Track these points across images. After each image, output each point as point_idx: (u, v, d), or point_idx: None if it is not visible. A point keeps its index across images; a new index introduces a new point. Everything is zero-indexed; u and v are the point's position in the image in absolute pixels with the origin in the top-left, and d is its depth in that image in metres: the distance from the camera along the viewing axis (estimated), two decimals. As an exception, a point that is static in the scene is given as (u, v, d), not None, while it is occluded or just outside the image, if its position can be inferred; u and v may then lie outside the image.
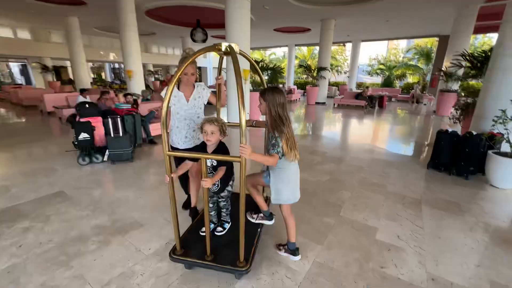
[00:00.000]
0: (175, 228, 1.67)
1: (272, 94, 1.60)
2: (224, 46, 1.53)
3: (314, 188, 3.17)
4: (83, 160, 3.84)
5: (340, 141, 5.69)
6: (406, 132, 6.70)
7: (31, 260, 1.88)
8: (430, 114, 9.93)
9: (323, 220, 2.46)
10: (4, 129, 6.39)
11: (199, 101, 2.07)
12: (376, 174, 3.68)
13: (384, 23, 12.04)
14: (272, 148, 1.61)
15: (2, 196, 2.86)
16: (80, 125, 3.74)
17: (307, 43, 19.93)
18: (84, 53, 12.29)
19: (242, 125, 1.30)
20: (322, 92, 12.82)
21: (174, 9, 10.19)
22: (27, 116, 8.34)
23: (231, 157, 1.46)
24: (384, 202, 2.85)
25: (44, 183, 3.22)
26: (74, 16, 11.37)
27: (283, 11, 10.32)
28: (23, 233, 2.20)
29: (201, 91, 2.08)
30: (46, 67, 16.15)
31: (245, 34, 6.43)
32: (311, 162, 4.13)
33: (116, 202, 2.76)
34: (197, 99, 2.06)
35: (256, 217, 2.14)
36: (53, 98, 8.64)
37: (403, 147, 5.31)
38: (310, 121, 8.39)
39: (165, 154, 1.45)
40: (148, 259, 1.90)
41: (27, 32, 15.82)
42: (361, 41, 17.63)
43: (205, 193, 1.53)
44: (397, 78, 20.88)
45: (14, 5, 9.93)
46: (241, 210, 1.51)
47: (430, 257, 1.97)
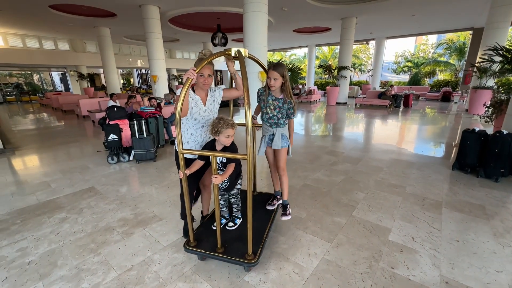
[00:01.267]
0: (189, 221, 1.80)
1: (285, 69, 1.97)
2: (233, 52, 1.64)
3: (327, 188, 3.17)
4: (112, 159, 4.18)
5: (360, 142, 5.56)
6: (432, 132, 6.35)
7: (67, 246, 2.13)
8: (461, 113, 9.29)
9: (334, 220, 2.47)
10: (46, 131, 7.12)
11: (215, 105, 1.97)
12: (395, 175, 3.57)
13: (409, 18, 11.49)
14: (292, 114, 2.09)
15: (44, 190, 3.23)
16: (109, 127, 4.09)
17: (327, 42, 19.55)
18: (114, 61, 13.25)
19: (248, 125, 1.38)
20: (343, 92, 12.54)
21: (196, 15, 10.63)
22: (66, 120, 9.18)
23: (239, 155, 1.54)
24: (401, 203, 2.77)
25: (78, 179, 3.57)
26: (105, 27, 12.33)
27: (302, 11, 10.29)
28: (60, 222, 2.48)
29: (213, 94, 1.97)
30: (82, 75, 17.60)
31: (262, 37, 6.54)
32: (327, 162, 4.11)
33: (139, 197, 2.99)
34: (212, 103, 1.95)
35: (289, 211, 2.25)
36: (87, 103, 9.45)
37: (427, 148, 5.05)
38: (330, 121, 8.26)
39: (180, 152, 1.59)
40: (166, 249, 2.06)
41: (66, 44, 17.38)
42: (385, 38, 16.94)
43: (215, 189, 1.64)
44: (426, 76, 19.71)
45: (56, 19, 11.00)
46: (249, 207, 1.60)
47: (446, 260, 1.91)
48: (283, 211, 2.27)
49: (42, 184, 3.42)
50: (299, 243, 2.12)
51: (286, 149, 2.17)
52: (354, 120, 8.43)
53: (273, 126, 2.12)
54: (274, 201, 2.40)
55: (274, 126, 2.12)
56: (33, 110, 12.71)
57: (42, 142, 5.87)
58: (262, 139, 2.23)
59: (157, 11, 9.15)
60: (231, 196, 2.04)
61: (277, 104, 2.05)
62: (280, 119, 2.08)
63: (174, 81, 22.49)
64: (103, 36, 12.53)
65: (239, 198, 2.08)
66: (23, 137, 6.34)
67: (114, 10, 9.83)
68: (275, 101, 2.05)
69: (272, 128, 2.13)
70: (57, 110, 12.04)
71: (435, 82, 18.47)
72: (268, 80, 1.97)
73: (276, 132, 2.11)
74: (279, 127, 2.11)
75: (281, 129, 2.12)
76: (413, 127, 7.10)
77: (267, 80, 1.98)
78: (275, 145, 2.12)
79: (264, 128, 2.20)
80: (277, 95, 2.06)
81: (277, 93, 2.06)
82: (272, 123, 2.11)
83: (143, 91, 20.58)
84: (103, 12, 10.02)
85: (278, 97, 2.05)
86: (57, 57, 16.96)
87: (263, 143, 2.21)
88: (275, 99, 2.05)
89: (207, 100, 1.92)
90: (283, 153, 2.15)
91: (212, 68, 1.82)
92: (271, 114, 2.08)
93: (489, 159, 3.34)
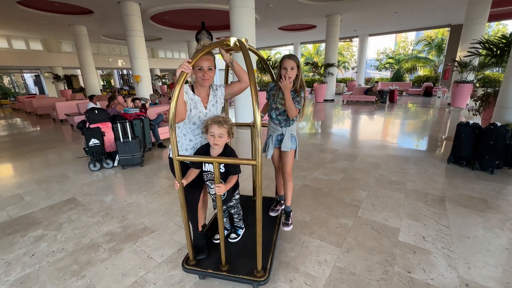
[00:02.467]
0: (187, 237, 1.58)
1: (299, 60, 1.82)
2: (232, 41, 1.44)
3: (328, 188, 3.05)
4: (94, 166, 3.85)
5: (352, 138, 5.52)
6: (421, 126, 6.44)
7: (44, 269, 1.85)
8: (444, 107, 9.57)
9: (340, 222, 2.34)
10: (19, 138, 6.55)
11: (217, 106, 1.67)
12: (393, 171, 3.51)
13: (392, 15, 11.71)
14: (297, 103, 1.85)
15: (16, 204, 2.88)
16: (90, 131, 3.76)
17: (312, 40, 19.68)
18: (93, 61, 12.56)
19: (257, 125, 1.19)
20: (330, 89, 12.60)
21: (179, 13, 10.24)
22: (41, 125, 8.55)
23: (246, 160, 1.32)
24: (404, 200, 2.70)
25: (56, 190, 3.23)
26: (82, 25, 11.62)
27: (287, 8, 10.19)
28: (36, 241, 2.18)
29: (215, 93, 1.68)
30: (57, 76, 16.61)
31: (250, 33, 6.36)
32: (322, 160, 4.00)
33: (127, 207, 2.73)
34: (215, 104, 1.66)
35: (291, 220, 2.11)
36: (64, 106, 8.84)
37: (419, 142, 5.09)
38: (319, 119, 8.22)
39: (175, 159, 1.37)
40: (161, 266, 1.84)
41: (39, 44, 16.32)
42: (368, 36, 17.25)
43: (218, 199, 1.44)
44: (407, 72, 20.34)
45: (26, 17, 10.23)
46: (258, 218, 1.40)
47: (461, 260, 1.83)
48: (285, 219, 2.10)
49: (14, 198, 3.05)
50: (307, 250, 1.97)
51: (294, 151, 2.00)
52: (343, 117, 8.45)
53: (282, 124, 1.94)
54: (277, 206, 2.22)
55: (284, 125, 1.94)
56: (4, 115, 11.80)
57: (14, 149, 5.37)
58: (268, 139, 2.02)
59: (138, 8, 8.69)
60: (230, 207, 1.84)
61: None
62: None
63: (157, 81, 21.79)
64: (79, 35, 11.80)
65: (240, 207, 1.89)
66: (-8, 145, 5.78)
67: (91, 7, 9.25)
68: None
69: (280, 128, 1.95)
70: (31, 115, 11.24)
71: (416, 78, 19.07)
72: (283, 71, 1.77)
73: (286, 132, 1.93)
74: (288, 126, 1.94)
75: (290, 128, 1.94)
76: (402, 121, 7.20)
77: (281, 71, 1.79)
78: (284, 146, 1.93)
79: (272, 127, 2.00)
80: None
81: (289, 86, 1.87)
82: (281, 120, 1.92)
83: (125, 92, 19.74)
84: (78, 9, 9.40)
85: (290, 90, 1.83)
86: (29, 58, 15.89)
87: (271, 144, 2.00)
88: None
89: (208, 101, 1.65)
90: (290, 156, 1.98)
91: (213, 59, 1.54)
92: (282, 109, 1.89)
93: (484, 152, 3.35)
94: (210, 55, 1.52)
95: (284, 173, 2.03)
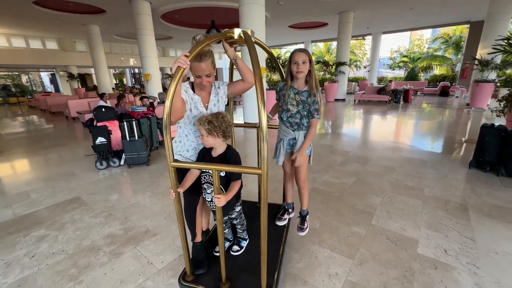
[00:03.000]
0: (184, 250, 1.46)
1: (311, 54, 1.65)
2: (237, 33, 1.32)
3: (339, 192, 2.88)
4: (101, 164, 3.83)
5: (364, 140, 5.29)
6: (438, 127, 6.12)
7: (42, 272, 1.79)
8: (462, 107, 9.12)
9: (353, 230, 2.18)
10: (32, 135, 6.69)
11: (219, 106, 1.58)
12: (409, 175, 3.30)
13: (407, 11, 11.26)
14: (316, 112, 1.67)
15: (23, 202, 2.88)
16: (96, 129, 3.74)
17: (324, 38, 19.28)
18: (105, 60, 12.76)
19: (263, 126, 1.05)
20: (341, 88, 12.29)
21: (189, 11, 10.22)
22: (54, 122, 8.73)
23: (249, 168, 1.17)
24: (422, 208, 2.50)
25: (62, 188, 3.22)
26: (95, 25, 11.81)
27: (298, 5, 9.97)
28: (38, 242, 2.14)
29: (217, 92, 1.57)
30: (72, 75, 17.01)
31: (260, 30, 6.22)
32: (333, 163, 3.83)
33: (130, 208, 2.67)
34: (216, 104, 1.57)
35: (307, 224, 2.00)
36: (76, 104, 8.99)
37: (436, 144, 4.81)
38: (329, 119, 7.99)
39: (170, 165, 1.26)
40: (160, 273, 1.75)
41: (55, 43, 16.74)
42: (381, 33, 16.74)
43: (218, 212, 1.31)
44: (422, 70, 19.63)
45: (42, 17, 10.48)
46: (263, 235, 1.25)
47: (490, 278, 1.64)
48: (300, 224, 1.97)
49: (21, 195, 3.05)
50: (316, 261, 1.83)
51: (308, 157, 1.81)
52: (355, 117, 8.18)
53: (294, 127, 1.74)
54: (284, 215, 2.05)
55: (296, 128, 1.74)
56: (21, 113, 12.17)
57: (27, 146, 5.46)
58: (279, 144, 1.83)
59: (149, 7, 8.72)
60: (231, 219, 1.69)
61: (301, 98, 1.67)
62: (303, 118, 1.71)
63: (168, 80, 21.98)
64: (92, 34, 12.01)
65: (243, 217, 1.73)
66: (7, 141, 5.92)
67: (103, 6, 9.36)
68: (298, 94, 1.68)
69: (292, 131, 1.76)
70: (45, 112, 11.54)
71: (432, 77, 18.37)
72: (295, 66, 1.60)
73: (299, 136, 1.74)
74: (301, 130, 1.74)
75: (304, 132, 1.75)
76: (417, 122, 6.88)
77: (292, 66, 1.62)
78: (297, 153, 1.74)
79: (283, 131, 1.80)
80: (300, 87, 1.69)
81: (301, 84, 1.69)
82: (293, 123, 1.73)
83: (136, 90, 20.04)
84: (91, 8, 9.54)
85: (302, 90, 1.68)
86: (45, 57, 16.34)
87: (282, 150, 1.81)
88: (297, 92, 1.68)
89: (209, 101, 1.54)
90: (304, 162, 1.79)
91: (210, 63, 1.38)
92: (293, 111, 1.70)
93: (511, 156, 3.09)
94: (208, 58, 1.36)
95: (298, 180, 1.86)
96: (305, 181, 1.87)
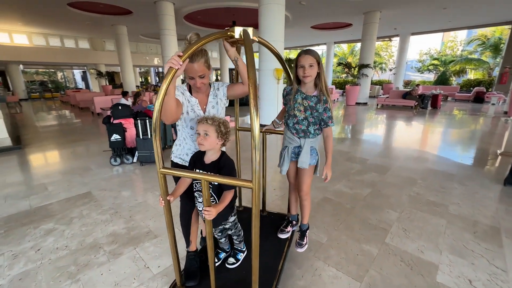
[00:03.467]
0: (174, 261, 1.40)
1: (319, 55, 1.48)
2: (237, 32, 1.22)
3: (351, 203, 2.69)
4: (115, 161, 3.93)
5: (384, 147, 4.98)
6: (469, 137, 5.61)
7: (44, 267, 1.82)
8: (499, 116, 8.33)
9: (363, 248, 2.00)
10: (59, 128, 7.10)
11: (218, 108, 1.49)
12: (432, 189, 3.01)
13: (440, 11, 10.54)
14: (330, 120, 1.54)
15: (40, 194, 3.01)
16: (112, 127, 3.84)
17: (347, 39, 18.69)
18: (131, 59, 13.31)
19: (255, 135, 0.93)
20: (363, 91, 11.79)
21: (211, 12, 10.34)
22: (81, 117, 9.23)
23: (241, 181, 1.04)
24: (446, 228, 2.25)
25: (77, 182, 3.33)
26: (122, 25, 12.36)
27: (322, 6, 9.71)
28: (45, 235, 2.20)
29: (217, 93, 1.50)
30: (100, 73, 17.96)
31: (279, 31, 6.10)
32: (348, 171, 3.61)
33: (137, 207, 2.67)
34: (215, 106, 1.49)
35: (307, 240, 1.86)
36: (102, 100, 9.43)
37: (466, 155, 4.39)
38: (349, 123, 7.66)
39: (159, 171, 1.20)
40: (155, 279, 1.70)
41: (86, 42, 17.80)
42: (410, 34, 15.85)
43: (208, 225, 1.22)
44: (455, 74, 18.35)
45: (75, 18, 11.16)
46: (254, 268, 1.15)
47: (524, 321, 1.40)
48: (299, 239, 1.84)
49: (39, 187, 3.20)
50: (319, 280, 1.68)
51: (313, 167, 1.67)
52: (376, 122, 7.77)
53: (300, 134, 1.61)
54: (287, 227, 1.92)
55: (302, 136, 1.61)
56: (53, 107, 13.04)
57: (52, 139, 5.79)
58: (284, 151, 1.71)
59: (172, 7, 8.94)
60: (226, 229, 1.58)
61: (309, 104, 1.52)
62: (310, 125, 1.57)
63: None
64: (120, 34, 12.59)
65: (239, 228, 1.62)
66: (36, 134, 6.33)
67: (130, 7, 9.76)
68: (306, 99, 1.53)
69: (298, 139, 1.63)
70: (74, 107, 12.26)
71: (465, 82, 17.08)
72: (301, 69, 1.47)
73: (304, 144, 1.61)
74: (308, 138, 1.60)
75: (310, 140, 1.60)
76: (446, 130, 6.36)
77: (298, 70, 1.49)
78: (301, 162, 1.61)
79: (288, 138, 1.68)
80: (309, 91, 1.54)
81: (310, 89, 1.54)
82: (299, 130, 1.60)
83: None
84: (119, 9, 9.98)
85: (311, 95, 1.53)
86: (78, 56, 17.43)
87: (286, 158, 1.69)
88: (305, 97, 1.53)
89: (207, 103, 1.46)
90: (308, 173, 1.65)
91: (203, 63, 1.30)
92: (300, 117, 1.56)
93: (556, 175, 2.71)
94: (201, 58, 1.28)
95: (300, 192, 1.72)
96: (308, 193, 1.72)
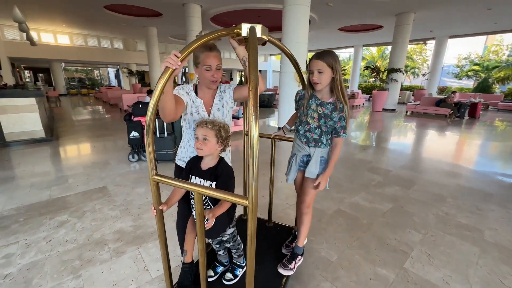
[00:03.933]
0: (166, 273, 1.33)
1: (335, 58, 1.33)
2: (245, 30, 1.14)
3: (368, 219, 2.47)
4: (133, 157, 4.04)
5: (411, 158, 4.60)
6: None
7: (52, 259, 1.87)
8: (552, 130, 7.37)
9: (378, 272, 1.80)
10: (89, 123, 7.55)
11: (223, 111, 1.43)
12: (465, 210, 2.68)
13: (484, 12, 9.63)
14: (343, 130, 1.41)
15: (60, 186, 3.16)
16: (132, 124, 3.95)
17: (377, 42, 17.85)
18: (159, 59, 13.87)
19: (253, 143, 0.83)
20: (392, 97, 11.14)
21: (237, 14, 10.42)
22: (110, 113, 9.76)
23: (235, 197, 0.95)
24: (479, 258, 1.96)
25: (95, 176, 3.46)
26: (153, 27, 12.94)
27: (350, 7, 9.34)
28: (58, 227, 2.28)
29: (222, 96, 1.43)
30: (131, 72, 18.95)
31: (302, 32, 5.94)
32: (368, 183, 3.36)
33: (146, 205, 2.70)
34: (220, 109, 1.42)
35: (294, 265, 1.63)
36: (129, 97, 9.87)
37: (508, 173, 3.89)
38: (374, 130, 7.24)
39: (151, 178, 1.14)
40: (153, 283, 1.66)
41: (120, 43, 18.89)
42: (448, 37, 14.71)
43: (200, 242, 1.13)
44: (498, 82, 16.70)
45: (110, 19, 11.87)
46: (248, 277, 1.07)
47: None
48: (287, 260, 1.63)
49: (61, 179, 3.37)
50: (324, 304, 1.53)
51: None
52: (404, 130, 7.26)
53: (310, 143, 1.49)
54: (293, 242, 1.79)
55: (312, 145, 1.49)
56: (88, 102, 13.98)
57: (82, 132, 6.16)
58: (292, 159, 1.61)
59: (199, 9, 9.16)
60: (224, 242, 1.47)
61: (324, 111, 1.40)
62: (323, 134, 1.45)
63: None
64: (150, 35, 13.20)
65: (238, 241, 1.51)
66: (68, 127, 6.78)
67: (160, 9, 10.16)
68: (321, 106, 1.40)
69: (308, 147, 1.51)
70: (106, 104, 13.02)
71: (511, 90, 15.47)
72: (311, 75, 1.37)
73: (314, 153, 1.49)
74: (318, 147, 1.48)
75: (321, 149, 1.48)
76: (484, 143, 5.75)
77: (310, 76, 1.38)
78: (309, 172, 1.50)
79: (297, 145, 1.57)
80: (325, 98, 1.42)
81: (326, 95, 1.42)
82: (310, 139, 1.48)
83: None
84: (150, 11, 10.45)
85: (326, 101, 1.40)
86: (112, 55, 18.56)
87: (294, 166, 1.59)
88: (320, 103, 1.41)
89: (213, 105, 1.40)
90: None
91: (219, 56, 1.30)
92: (313, 125, 1.45)
93: None
94: (217, 50, 1.26)
95: (301, 203, 1.58)
96: (310, 206, 1.57)
